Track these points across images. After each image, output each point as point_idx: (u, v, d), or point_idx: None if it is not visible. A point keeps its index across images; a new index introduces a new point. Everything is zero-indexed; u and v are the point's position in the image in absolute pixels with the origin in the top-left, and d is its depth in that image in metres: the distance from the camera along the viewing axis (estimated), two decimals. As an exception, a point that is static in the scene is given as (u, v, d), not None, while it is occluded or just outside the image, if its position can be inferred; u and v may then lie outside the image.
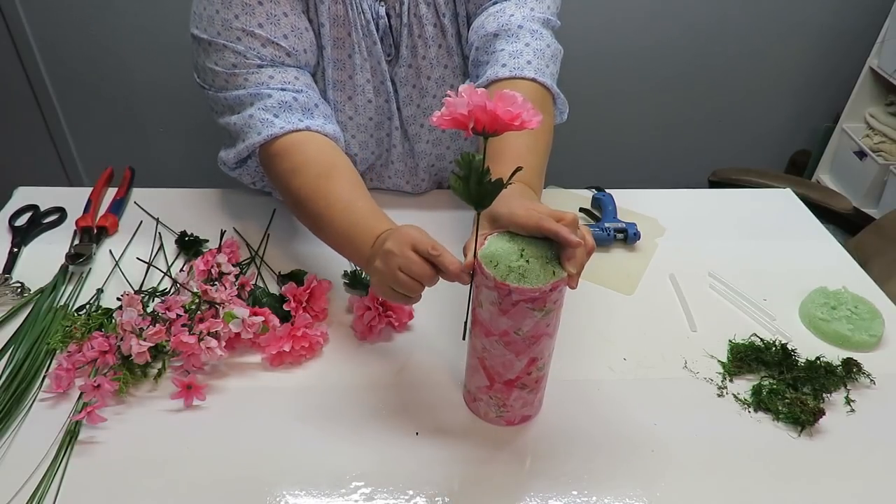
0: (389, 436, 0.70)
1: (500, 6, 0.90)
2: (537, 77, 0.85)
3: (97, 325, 0.77)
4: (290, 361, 0.77)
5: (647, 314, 0.88)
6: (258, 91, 0.83)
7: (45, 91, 1.94)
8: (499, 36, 0.88)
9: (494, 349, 0.64)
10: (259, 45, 0.82)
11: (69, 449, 0.66)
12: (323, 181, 0.79)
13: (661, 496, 0.65)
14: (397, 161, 1.04)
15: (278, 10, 0.83)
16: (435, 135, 1.03)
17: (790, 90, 2.13)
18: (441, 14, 0.92)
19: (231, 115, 0.86)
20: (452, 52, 0.96)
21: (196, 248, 0.94)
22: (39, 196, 1.04)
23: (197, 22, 0.84)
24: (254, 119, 0.82)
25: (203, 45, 0.84)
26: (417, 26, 0.92)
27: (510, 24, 0.87)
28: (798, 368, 0.78)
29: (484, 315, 0.63)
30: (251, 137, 0.83)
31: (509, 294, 0.59)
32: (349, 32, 0.90)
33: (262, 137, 0.82)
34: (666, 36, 1.97)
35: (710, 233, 1.05)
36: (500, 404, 0.69)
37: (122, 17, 1.81)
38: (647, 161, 2.25)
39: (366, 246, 0.71)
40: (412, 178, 1.08)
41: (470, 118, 0.53)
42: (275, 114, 0.82)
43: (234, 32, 0.81)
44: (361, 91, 0.94)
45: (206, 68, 0.84)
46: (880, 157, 1.93)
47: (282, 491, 0.64)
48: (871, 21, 1.94)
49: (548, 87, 0.87)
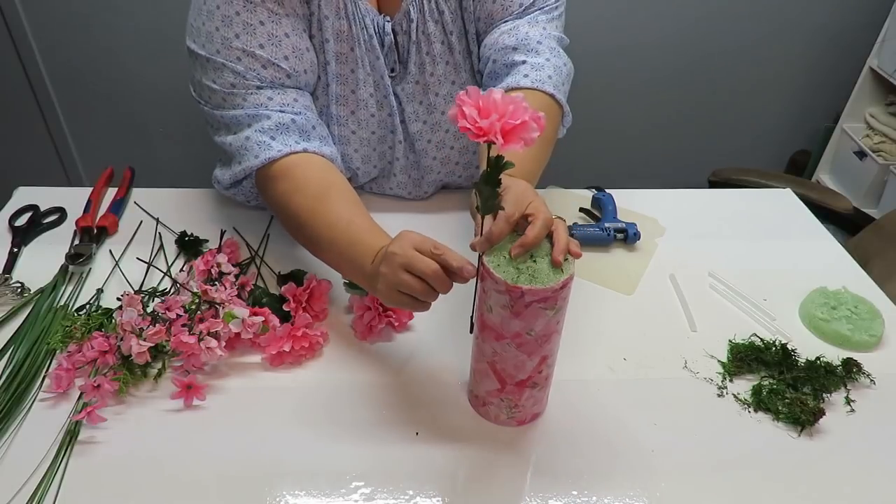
0: (389, 436, 0.70)
1: (512, 24, 0.91)
2: (555, 93, 0.87)
3: (97, 325, 0.77)
4: (290, 361, 0.77)
5: (647, 314, 0.88)
6: (256, 112, 0.81)
7: (45, 91, 1.94)
8: (518, 49, 0.89)
9: (506, 352, 0.64)
10: (259, 67, 0.81)
11: (69, 449, 0.66)
12: (321, 202, 0.78)
13: (661, 496, 0.65)
14: (400, 173, 1.04)
15: (280, 30, 0.82)
16: (444, 152, 1.02)
17: (790, 90, 2.13)
18: (448, 32, 0.93)
19: (227, 134, 0.85)
20: (460, 68, 0.97)
21: (196, 248, 0.94)
22: (39, 196, 1.04)
23: (195, 36, 0.82)
24: (251, 141, 0.81)
25: (201, 62, 0.82)
26: (426, 43, 0.92)
27: (528, 39, 0.89)
28: (798, 368, 0.78)
29: (494, 319, 0.62)
30: (248, 160, 0.82)
31: (522, 296, 0.58)
32: (352, 48, 0.90)
33: (259, 161, 0.81)
34: (666, 36, 1.97)
35: (710, 233, 1.05)
36: (511, 405, 0.69)
37: (122, 17, 1.81)
38: (647, 161, 2.25)
39: (367, 261, 0.70)
40: (415, 188, 1.07)
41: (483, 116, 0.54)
42: (272, 136, 0.81)
43: (234, 52, 0.80)
44: (364, 105, 0.94)
45: (204, 85, 0.83)
46: (880, 157, 1.93)
47: (282, 491, 0.64)
48: (871, 21, 1.94)
49: (561, 105, 0.89)
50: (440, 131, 1.00)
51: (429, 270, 0.63)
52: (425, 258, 0.63)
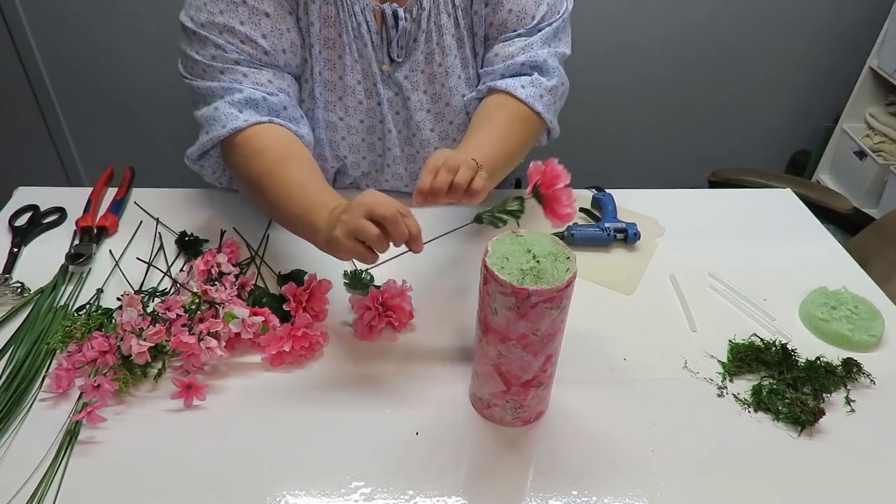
0: (389, 436, 0.70)
1: (526, 40, 0.94)
2: (542, 112, 0.93)
3: (97, 325, 0.77)
4: (290, 361, 0.77)
5: (647, 314, 0.88)
6: (230, 86, 0.86)
7: (45, 91, 1.94)
8: (525, 64, 0.94)
9: (512, 353, 0.63)
10: (238, 42, 0.86)
11: (69, 449, 0.66)
12: (279, 166, 0.82)
13: (661, 496, 0.65)
14: (394, 164, 1.05)
15: (262, 8, 0.86)
16: (446, 143, 1.04)
17: (790, 90, 2.13)
18: (460, 27, 0.95)
19: (203, 106, 0.88)
20: (468, 63, 0.99)
21: (196, 248, 0.94)
22: (39, 196, 1.04)
23: (187, 10, 0.87)
24: (219, 112, 0.85)
25: (188, 34, 0.86)
26: (437, 34, 0.94)
27: (537, 58, 0.93)
28: (798, 368, 0.78)
29: (499, 322, 0.62)
30: (215, 130, 0.85)
31: (528, 297, 0.58)
32: (340, 34, 0.92)
33: (226, 130, 0.85)
34: (666, 35, 1.97)
35: (710, 233, 1.05)
36: (516, 406, 0.69)
37: (122, 17, 1.81)
38: (647, 161, 2.25)
39: (322, 216, 0.74)
40: (412, 181, 1.08)
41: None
42: (240, 109, 0.85)
43: (216, 27, 0.85)
44: (352, 92, 0.96)
45: (189, 56, 0.88)
46: (880, 157, 1.93)
47: (282, 491, 0.64)
48: (871, 21, 1.94)
49: (546, 122, 0.96)
50: (444, 122, 1.02)
51: (388, 214, 0.66)
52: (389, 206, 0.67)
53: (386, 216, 0.66)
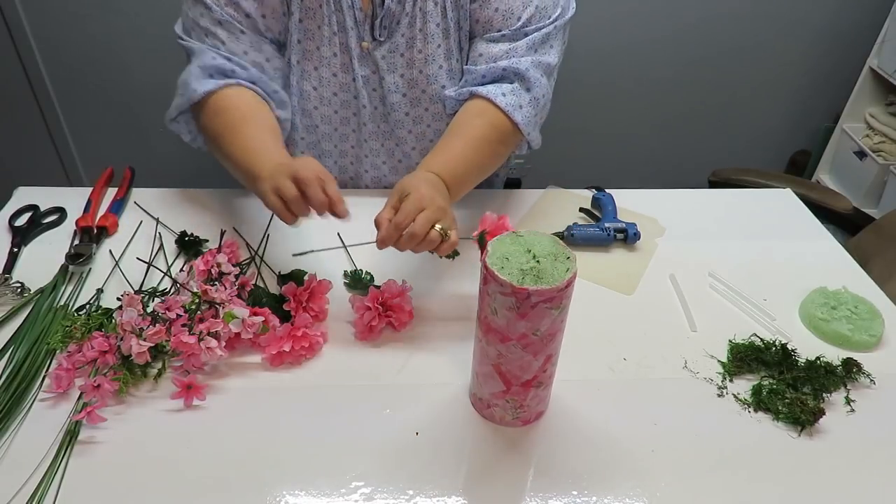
0: (389, 436, 0.70)
1: (511, 45, 0.93)
2: (522, 124, 0.93)
3: (97, 325, 0.77)
4: (290, 361, 0.77)
5: (647, 314, 0.88)
6: (207, 50, 0.90)
7: (45, 91, 1.94)
8: (507, 70, 0.93)
9: (512, 353, 0.63)
10: (224, 3, 0.90)
11: (69, 449, 0.66)
12: (241, 122, 0.87)
13: (661, 496, 0.65)
14: (371, 139, 1.06)
15: None
16: (420, 128, 1.05)
17: (790, 90, 2.13)
18: (445, 17, 0.94)
19: (187, 65, 0.93)
20: (451, 55, 0.98)
21: (196, 248, 0.94)
22: (39, 196, 1.04)
23: None
24: (192, 76, 0.90)
25: None
26: (421, 20, 0.95)
27: (519, 66, 0.92)
28: (798, 368, 0.78)
29: (499, 322, 0.62)
30: (188, 93, 0.90)
31: (528, 297, 0.58)
32: (320, 4, 0.94)
33: (198, 94, 0.89)
34: (665, 35, 1.97)
35: (710, 233, 1.05)
36: (517, 406, 0.69)
37: (122, 17, 1.81)
38: (647, 161, 2.25)
39: (265, 167, 0.78)
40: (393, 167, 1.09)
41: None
42: (210, 74, 0.90)
43: None
44: (327, 63, 0.99)
45: (185, 13, 0.94)
46: (880, 157, 1.93)
47: (282, 491, 0.64)
48: (871, 21, 1.94)
49: (524, 135, 0.95)
50: (419, 107, 1.02)
51: (306, 177, 0.71)
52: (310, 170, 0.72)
53: (303, 178, 0.71)
